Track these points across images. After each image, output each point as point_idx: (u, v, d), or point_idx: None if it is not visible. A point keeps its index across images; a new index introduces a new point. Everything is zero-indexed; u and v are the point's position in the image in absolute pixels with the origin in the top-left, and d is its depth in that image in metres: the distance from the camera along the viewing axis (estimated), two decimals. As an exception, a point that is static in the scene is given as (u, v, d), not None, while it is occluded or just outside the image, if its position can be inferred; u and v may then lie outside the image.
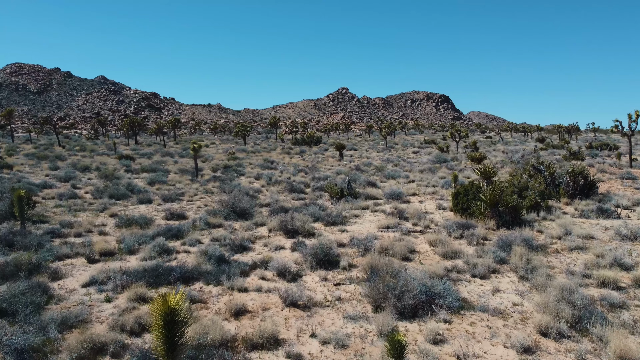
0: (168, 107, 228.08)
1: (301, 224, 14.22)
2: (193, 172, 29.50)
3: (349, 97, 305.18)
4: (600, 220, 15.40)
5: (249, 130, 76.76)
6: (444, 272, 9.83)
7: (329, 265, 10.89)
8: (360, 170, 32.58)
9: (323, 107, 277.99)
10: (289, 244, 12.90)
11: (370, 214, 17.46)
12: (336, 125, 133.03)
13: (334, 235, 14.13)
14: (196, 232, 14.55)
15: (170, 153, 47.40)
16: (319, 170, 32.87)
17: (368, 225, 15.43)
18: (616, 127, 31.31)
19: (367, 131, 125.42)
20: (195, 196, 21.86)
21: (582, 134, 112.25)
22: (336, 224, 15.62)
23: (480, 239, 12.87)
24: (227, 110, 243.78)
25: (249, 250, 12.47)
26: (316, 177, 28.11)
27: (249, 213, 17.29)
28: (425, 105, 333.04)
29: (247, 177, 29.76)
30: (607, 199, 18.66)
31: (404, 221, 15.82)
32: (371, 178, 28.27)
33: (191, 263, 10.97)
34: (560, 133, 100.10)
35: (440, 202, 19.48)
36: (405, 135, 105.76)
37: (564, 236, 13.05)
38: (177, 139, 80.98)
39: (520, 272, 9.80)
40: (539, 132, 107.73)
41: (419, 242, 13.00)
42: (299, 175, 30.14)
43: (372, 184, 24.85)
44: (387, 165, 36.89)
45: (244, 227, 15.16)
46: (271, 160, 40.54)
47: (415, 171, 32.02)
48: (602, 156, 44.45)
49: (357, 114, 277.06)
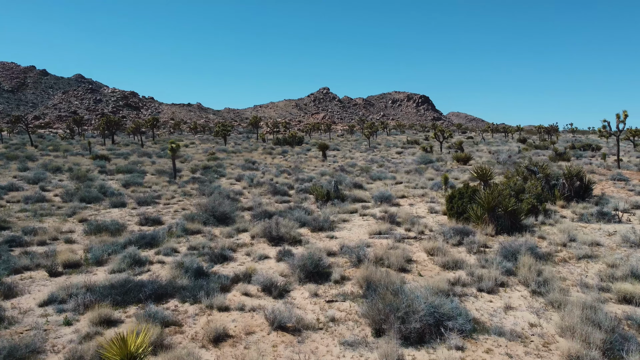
0: (147, 107, 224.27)
1: (287, 231, 13.15)
2: (171, 173, 28.17)
3: (330, 97, 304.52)
4: (601, 224, 14.63)
5: (230, 130, 75.27)
6: (447, 286, 8.85)
7: (320, 277, 9.84)
8: (345, 171, 31.62)
9: (304, 107, 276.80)
10: (274, 253, 11.82)
11: (359, 218, 16.47)
12: (318, 125, 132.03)
13: (323, 242, 13.09)
14: (172, 239, 13.37)
15: (148, 153, 45.85)
16: (302, 171, 31.81)
17: (358, 231, 14.43)
18: (604, 127, 30.89)
19: (349, 131, 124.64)
20: (172, 199, 20.63)
21: (560, 134, 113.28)
22: (324, 229, 14.58)
23: (481, 246, 11.96)
24: (207, 109, 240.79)
25: (230, 261, 11.35)
26: (300, 179, 27.05)
27: (230, 218, 16.15)
28: (405, 106, 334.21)
29: (227, 178, 28.56)
30: (604, 201, 17.97)
31: (396, 226, 14.85)
32: (357, 179, 27.30)
33: (165, 276, 9.82)
34: (541, 133, 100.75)
35: (431, 205, 18.57)
36: (387, 136, 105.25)
37: (568, 243, 12.21)
38: (156, 139, 79.06)
39: (532, 286, 8.86)
40: (520, 132, 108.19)
41: (415, 250, 12.04)
42: (282, 177, 29.04)
43: (359, 185, 23.88)
44: (372, 166, 35.99)
45: (224, 234, 14.02)
46: (253, 161, 39.36)
47: (402, 172, 31.16)
48: (586, 157, 44.24)
49: (338, 114, 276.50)
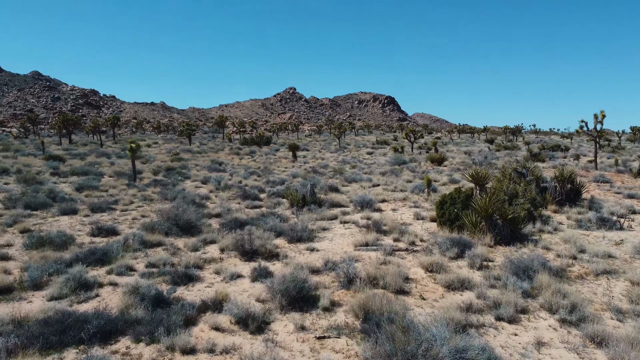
0: (108, 105, 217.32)
1: (262, 243, 11.48)
2: (130, 175, 26.02)
3: (297, 97, 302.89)
4: (603, 232, 13.53)
5: (195, 130, 72.76)
6: (461, 314, 7.37)
7: (305, 303, 8.24)
8: (318, 173, 30.07)
9: (271, 107, 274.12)
10: (248, 271, 10.16)
11: (340, 226, 14.93)
12: (285, 125, 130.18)
13: (303, 256, 11.49)
14: (128, 254, 11.52)
15: (107, 153, 43.22)
16: (272, 173, 30.10)
17: (341, 242, 12.88)
18: (581, 127, 30.31)
19: (316, 131, 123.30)
20: (131, 204, 18.63)
21: (523, 135, 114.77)
22: (302, 240, 12.97)
23: (483, 259, 10.58)
24: (171, 109, 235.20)
25: (197, 281, 9.63)
26: (270, 181, 25.34)
27: (196, 226, 14.37)
28: (372, 107, 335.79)
29: (192, 180, 26.60)
30: (596, 205, 16.98)
31: (383, 235, 13.37)
32: (331, 181, 25.79)
33: (116, 305, 8.04)
34: (506, 134, 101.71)
35: (416, 210, 17.22)
36: (355, 136, 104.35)
37: (578, 255, 10.98)
38: (117, 138, 75.75)
39: (561, 313, 7.47)
40: (486, 133, 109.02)
41: (409, 265, 10.57)
42: (252, 179, 27.26)
43: (335, 188, 22.36)
44: (345, 167, 34.55)
45: (189, 246, 12.25)
46: (219, 162, 37.37)
47: (376, 173, 29.82)
48: (558, 157, 44.01)
49: (305, 114, 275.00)
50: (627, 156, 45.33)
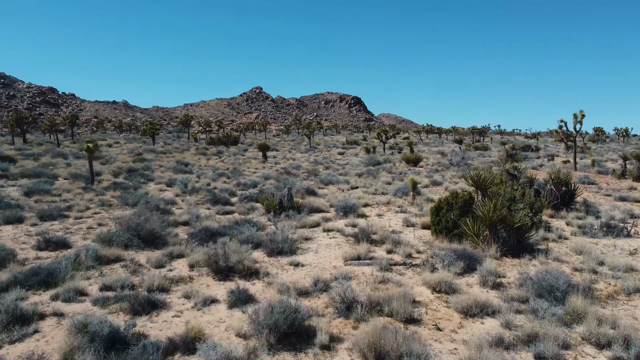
0: (67, 104, 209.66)
1: (238, 259, 9.87)
2: (88, 178, 23.86)
3: (263, 96, 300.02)
4: (612, 239, 12.46)
5: (159, 129, 70.04)
6: (492, 354, 5.96)
7: (297, 339, 6.70)
8: (290, 174, 28.50)
9: (237, 107, 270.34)
10: (224, 293, 8.56)
11: (324, 235, 13.43)
12: (252, 124, 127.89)
13: (286, 273, 9.95)
14: (80, 273, 9.75)
15: (64, 154, 40.50)
16: (242, 174, 28.37)
17: (328, 254, 11.38)
18: (560, 127, 29.71)
19: (284, 131, 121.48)
20: (87, 211, 16.68)
21: (488, 135, 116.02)
22: (284, 252, 11.42)
23: (495, 276, 9.25)
24: (134, 108, 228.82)
25: (162, 309, 7.97)
26: (241, 183, 23.64)
27: (160, 237, 12.63)
28: (338, 107, 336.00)
29: (156, 183, 24.63)
30: (593, 209, 16.02)
31: (374, 246, 11.94)
32: (306, 183, 24.29)
33: (58, 348, 6.33)
34: (473, 135, 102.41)
35: (403, 215, 15.89)
36: (324, 136, 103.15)
37: (597, 267, 9.80)
38: (75, 138, 72.23)
39: (615, 349, 6.16)
40: (454, 133, 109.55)
41: (411, 283, 9.17)
42: (221, 181, 25.47)
43: (312, 192, 20.84)
44: (318, 167, 33.08)
45: (153, 262, 10.53)
46: (185, 163, 35.33)
47: (352, 175, 28.47)
48: (532, 158, 43.69)
49: (271, 113, 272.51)
50: (597, 157, 45.46)
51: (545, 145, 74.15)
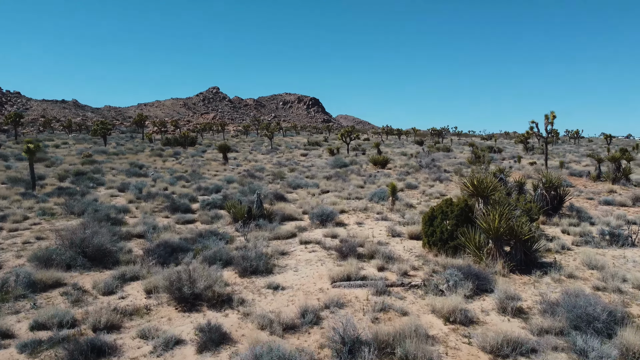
0: (12, 102, 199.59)
1: (207, 284, 8.15)
2: (28, 182, 21.38)
3: (220, 97, 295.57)
4: (618, 250, 11.41)
5: (111, 129, 66.51)
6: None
7: (293, 401, 5.12)
8: (255, 177, 26.73)
9: (193, 107, 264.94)
10: (190, 331, 6.87)
11: (302, 248, 11.83)
12: (209, 125, 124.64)
13: (265, 299, 8.31)
14: (7, 304, 7.82)
15: (5, 155, 37.25)
16: (203, 178, 26.37)
17: (310, 273, 9.80)
18: (531, 128, 29.13)
19: (243, 132, 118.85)
20: (24, 221, 14.48)
21: (446, 137, 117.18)
22: (259, 272, 9.77)
23: (513, 299, 7.90)
24: (85, 107, 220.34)
25: (112, 355, 6.21)
26: (202, 187, 21.72)
27: (111, 254, 10.73)
28: (296, 107, 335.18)
29: (107, 187, 22.35)
30: (584, 215, 15.08)
31: (361, 262, 10.43)
32: (272, 187, 22.63)
33: None
34: (432, 136, 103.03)
35: (386, 223, 14.49)
36: (284, 137, 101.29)
37: (620, 285, 8.62)
38: (19, 138, 67.71)
39: None
40: (414, 135, 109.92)
41: (415, 310, 7.72)
42: (179, 185, 23.44)
43: (281, 197, 19.20)
44: (283, 170, 31.39)
45: (101, 287, 8.68)
46: (139, 165, 32.91)
47: (320, 177, 26.98)
48: (497, 159, 43.36)
49: (229, 114, 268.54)
50: (559, 158, 45.65)
51: (503, 146, 74.87)
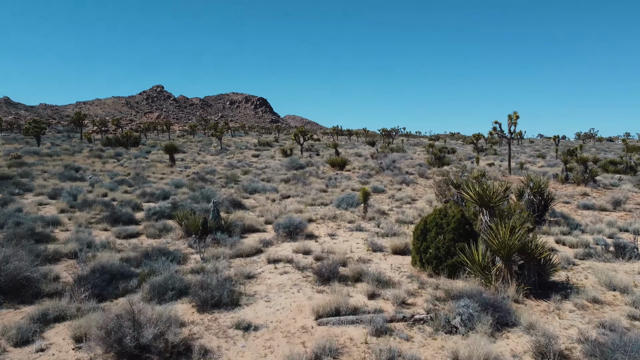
0: None
1: (159, 331, 6.14)
2: (-60, 189, 18.28)
3: (165, 95, 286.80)
4: (629, 263, 10.18)
5: (45, 128, 61.80)
6: None
7: None
8: (205, 181, 24.48)
9: (136, 106, 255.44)
10: (136, 406, 4.88)
11: (271, 269, 9.91)
12: (154, 124, 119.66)
13: (234, 347, 6.38)
14: None
15: None
16: (148, 182, 23.84)
17: (286, 303, 7.93)
18: (494, 129, 28.36)
19: (189, 132, 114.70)
20: None
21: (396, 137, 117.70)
22: (223, 304, 7.80)
23: (547, 338, 6.33)
24: (17, 105, 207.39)
25: None
26: (148, 193, 19.34)
27: (31, 284, 8.45)
28: (244, 107, 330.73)
29: (36, 194, 19.51)
30: (572, 222, 13.95)
31: (344, 285, 8.65)
32: (226, 192, 20.54)
33: None
34: (383, 137, 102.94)
35: (362, 235, 12.81)
36: (232, 137, 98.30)
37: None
38: (-59, 138, 61.77)
39: None
40: (365, 135, 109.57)
41: (429, 357, 6.03)
42: (121, 190, 20.89)
43: (238, 203, 17.17)
44: (236, 172, 29.21)
45: (12, 335, 6.50)
46: (76, 167, 29.81)
47: (278, 180, 25.06)
48: (454, 160, 42.81)
49: (174, 113, 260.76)
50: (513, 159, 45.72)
51: (454, 147, 75.31)
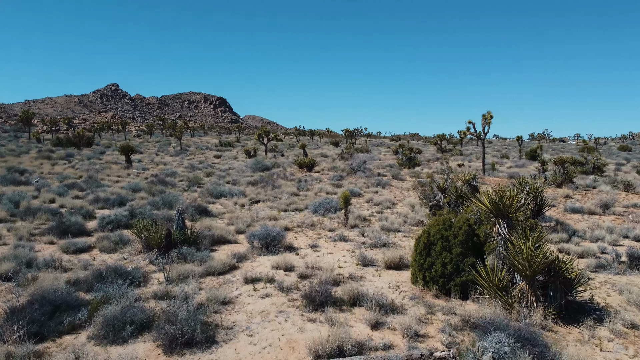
0: None
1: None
2: None
3: (120, 94, 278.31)
4: (648, 277, 9.21)
5: (-11, 127, 57.74)
6: None
7: None
8: (166, 184, 22.60)
9: (90, 105, 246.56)
10: None
11: (250, 291, 8.39)
12: (108, 124, 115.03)
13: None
14: None
15: None
16: (102, 186, 21.77)
17: (272, 338, 6.47)
18: (468, 129, 27.55)
19: (146, 132, 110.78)
20: None
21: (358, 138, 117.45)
22: (195, 342, 6.28)
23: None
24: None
25: None
26: (102, 199, 17.41)
27: (-51, 320, 6.71)
28: (203, 107, 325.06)
29: (-28, 200, 17.31)
30: (569, 228, 13.03)
31: (339, 311, 7.27)
32: (188, 196, 18.84)
33: None
34: (346, 137, 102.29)
35: (347, 245, 11.46)
36: (192, 137, 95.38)
37: None
38: None
39: None
40: (329, 136, 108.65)
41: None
42: (71, 195, 18.84)
43: (204, 210, 15.52)
44: (199, 174, 27.38)
45: None
46: (21, 170, 27.27)
47: (244, 183, 23.44)
48: (423, 161, 42.11)
49: (130, 113, 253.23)
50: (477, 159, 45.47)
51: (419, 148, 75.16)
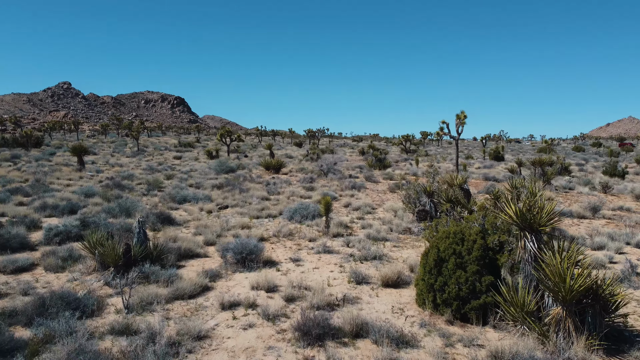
0: None
1: None
2: None
3: (73, 93, 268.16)
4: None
5: None
6: None
7: None
8: (123, 188, 20.73)
9: (40, 103, 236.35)
10: None
11: (228, 320, 6.98)
12: (60, 124, 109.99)
13: None
14: None
15: None
16: (50, 190, 19.69)
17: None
18: (442, 129, 26.76)
19: (100, 132, 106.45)
20: None
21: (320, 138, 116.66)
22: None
23: None
24: None
25: None
26: (50, 205, 15.51)
27: None
28: (160, 107, 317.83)
29: None
30: (564, 233, 12.18)
31: (341, 346, 5.99)
32: (148, 201, 17.17)
33: None
34: (309, 138, 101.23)
35: (333, 258, 10.18)
36: (149, 137, 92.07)
37: None
38: None
39: None
40: (291, 136, 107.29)
41: None
42: (15, 201, 16.80)
43: (167, 217, 13.93)
44: (159, 177, 25.53)
45: None
46: (-41, 172, 24.74)
47: (209, 186, 21.84)
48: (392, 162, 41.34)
49: (83, 112, 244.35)
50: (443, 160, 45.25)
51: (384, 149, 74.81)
